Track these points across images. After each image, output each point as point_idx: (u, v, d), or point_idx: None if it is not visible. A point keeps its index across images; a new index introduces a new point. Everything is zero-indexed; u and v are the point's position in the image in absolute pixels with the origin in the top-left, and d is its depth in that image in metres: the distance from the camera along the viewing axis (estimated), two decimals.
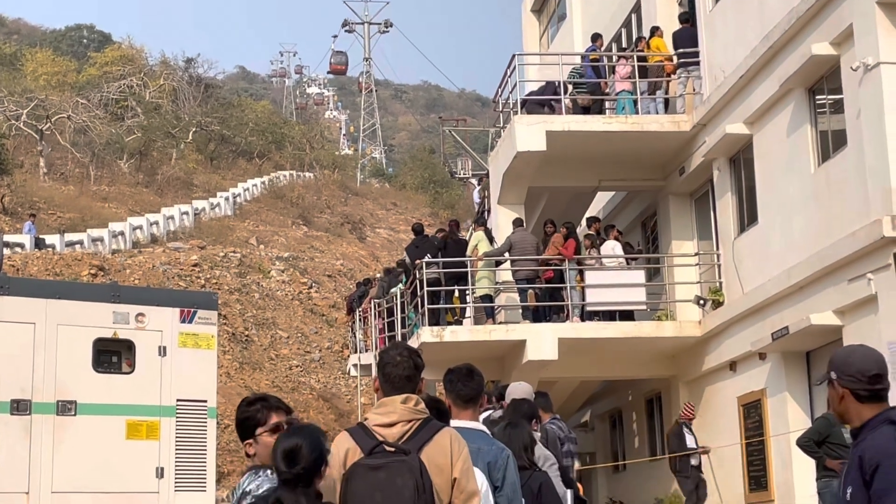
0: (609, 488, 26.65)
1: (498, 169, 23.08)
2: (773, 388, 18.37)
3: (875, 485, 4.17)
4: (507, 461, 5.87)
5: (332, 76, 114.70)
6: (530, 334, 20.11)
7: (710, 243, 21.78)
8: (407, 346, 5.49)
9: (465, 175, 48.79)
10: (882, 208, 14.74)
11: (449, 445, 5.16)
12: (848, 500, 4.26)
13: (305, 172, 67.68)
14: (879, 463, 4.19)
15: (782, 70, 17.40)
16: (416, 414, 5.19)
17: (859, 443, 4.34)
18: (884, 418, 4.34)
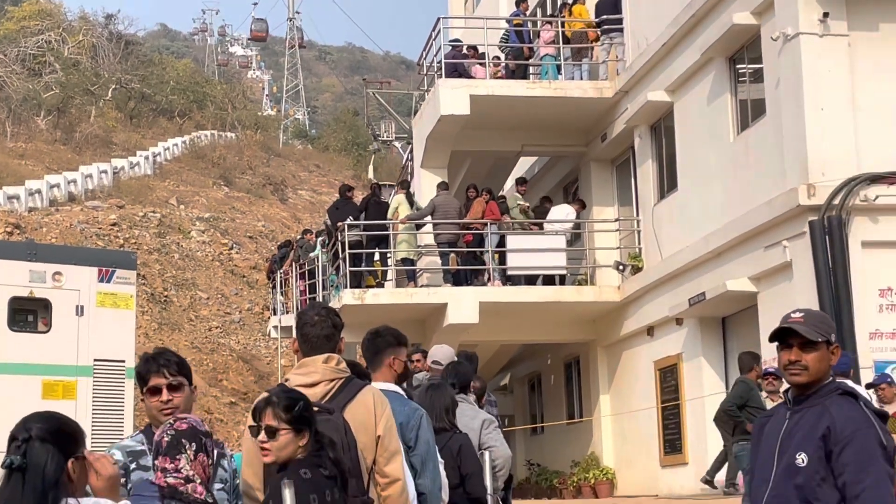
0: (527, 451, 26.89)
1: (421, 132, 23.06)
2: (690, 352, 18.64)
3: (849, 457, 4.11)
4: (420, 421, 5.86)
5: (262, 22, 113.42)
6: (451, 297, 20.18)
7: (630, 209, 21.99)
8: (325, 306, 5.48)
9: (389, 138, 48.61)
10: (798, 177, 14.98)
11: (372, 404, 5.17)
12: (800, 466, 4.18)
13: (227, 132, 66.96)
14: (854, 435, 4.13)
15: (704, 39, 17.56)
16: (337, 373, 5.19)
17: (806, 409, 4.28)
18: (835, 387, 4.31)
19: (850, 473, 4.11)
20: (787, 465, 4.22)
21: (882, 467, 4.12)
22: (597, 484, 21.14)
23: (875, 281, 14.71)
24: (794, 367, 4.30)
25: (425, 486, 5.85)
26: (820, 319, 4.37)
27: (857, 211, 14.66)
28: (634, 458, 20.81)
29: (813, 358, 4.28)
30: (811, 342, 4.28)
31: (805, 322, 4.31)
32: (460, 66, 21.90)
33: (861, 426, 4.16)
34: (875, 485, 4.09)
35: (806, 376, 4.29)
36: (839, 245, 14.48)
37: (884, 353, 14.50)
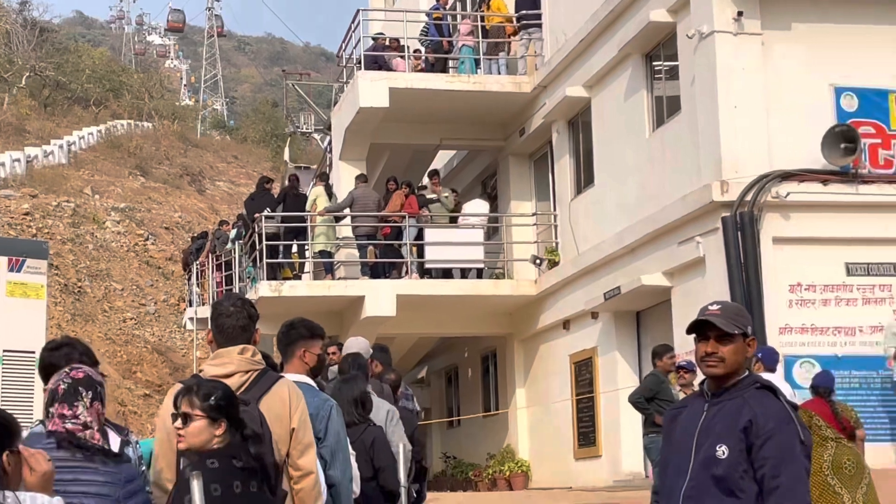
0: (443, 444, 26.97)
1: (340, 124, 22.99)
2: (604, 346, 18.81)
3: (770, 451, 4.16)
4: (329, 412, 5.87)
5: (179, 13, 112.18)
6: (369, 290, 20.15)
7: (547, 204, 22.11)
8: (241, 297, 5.44)
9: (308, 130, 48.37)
10: (712, 173, 15.17)
11: (288, 396, 5.16)
12: (721, 458, 4.20)
13: (144, 122, 66.11)
14: (777, 430, 4.18)
15: (621, 35, 17.71)
16: (253, 364, 5.17)
17: (725, 401, 4.30)
18: (753, 381, 4.34)
19: (769, 467, 4.15)
20: (707, 457, 4.24)
21: (801, 463, 4.18)
22: (512, 476, 21.26)
23: (785, 276, 14.96)
24: (710, 358, 4.34)
25: (335, 477, 5.86)
26: (736, 312, 4.41)
27: (768, 207, 14.90)
28: (549, 450, 20.95)
29: (729, 350, 4.32)
30: (728, 334, 4.32)
31: (722, 314, 4.35)
32: (380, 59, 21.87)
33: (782, 421, 4.21)
34: (793, 479, 4.15)
35: (722, 368, 4.33)
36: (751, 241, 14.70)
37: (793, 348, 14.76)
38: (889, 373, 14.73)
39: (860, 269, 15.19)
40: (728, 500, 4.19)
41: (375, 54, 21.96)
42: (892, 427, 14.73)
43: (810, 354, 14.72)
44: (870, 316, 15.08)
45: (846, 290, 15.13)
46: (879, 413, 14.80)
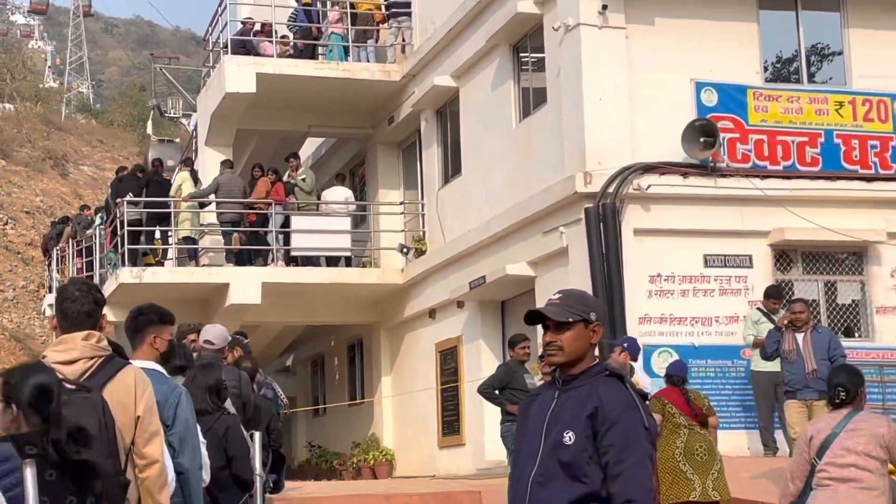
0: (309, 432, 26.86)
1: (206, 109, 22.67)
2: (469, 335, 18.91)
3: (614, 437, 4.20)
4: (178, 399, 5.82)
5: None
6: (233, 277, 19.92)
7: (415, 193, 22.14)
8: (86, 282, 5.33)
9: (176, 114, 47.59)
10: (576, 165, 15.34)
11: (133, 383, 5.05)
12: (567, 444, 4.23)
13: (5, 104, 64.33)
14: (621, 417, 4.22)
15: (489, 26, 17.79)
16: (98, 351, 5.05)
17: (574, 389, 4.34)
18: (602, 369, 4.38)
19: (613, 454, 4.20)
20: (555, 443, 4.28)
21: (644, 449, 4.24)
22: (376, 465, 21.25)
23: (645, 267, 15.22)
24: (550, 347, 4.39)
25: (183, 465, 5.82)
26: (576, 299, 4.44)
27: (630, 199, 15.13)
28: (414, 439, 21.00)
29: (568, 337, 4.36)
30: (563, 323, 4.36)
31: (560, 303, 4.39)
32: (248, 44, 21.62)
33: (627, 408, 4.26)
34: (636, 466, 4.20)
35: (562, 356, 4.37)
36: (612, 232, 14.91)
37: (653, 338, 15.02)
38: (744, 362, 15.11)
39: (717, 261, 15.54)
40: (574, 485, 4.23)
41: (243, 39, 21.71)
42: (745, 415, 15.09)
43: (668, 344, 15.01)
44: (726, 306, 15.45)
45: (704, 281, 15.46)
46: (734, 401, 15.15)
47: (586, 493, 4.22)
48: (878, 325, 15.92)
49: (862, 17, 16.67)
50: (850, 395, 7.23)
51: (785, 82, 16.58)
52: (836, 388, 7.29)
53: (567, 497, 4.22)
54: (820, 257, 16.05)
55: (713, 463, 9.99)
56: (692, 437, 10.02)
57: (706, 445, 10.00)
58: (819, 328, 11.45)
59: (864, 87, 16.41)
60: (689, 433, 10.05)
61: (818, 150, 16.04)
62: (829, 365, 11.18)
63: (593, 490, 4.22)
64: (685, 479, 9.91)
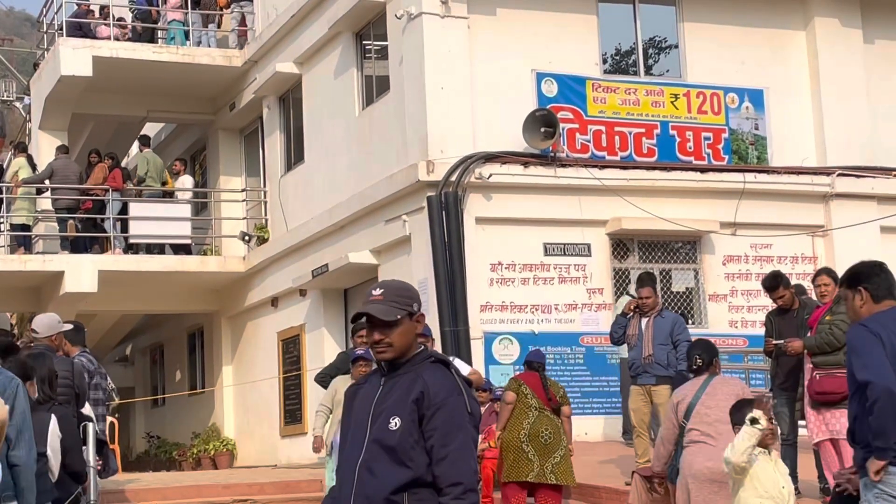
0: (147, 423, 26.40)
1: (41, 93, 22.04)
2: (312, 323, 18.82)
3: (439, 421, 4.22)
4: (16, 390, 5.75)
5: None
6: (69, 265, 19.40)
7: (258, 180, 21.91)
8: None
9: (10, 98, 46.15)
10: (419, 153, 15.40)
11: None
12: (393, 429, 4.25)
13: None
14: (446, 401, 4.25)
15: (332, 13, 17.69)
16: None
17: (400, 376, 4.35)
18: (428, 355, 4.41)
19: (437, 437, 4.24)
20: (380, 429, 4.30)
21: (468, 432, 4.29)
22: (216, 455, 21.00)
23: (487, 255, 15.36)
24: (379, 346, 4.39)
25: (20, 457, 5.72)
26: (398, 293, 4.44)
27: (471, 188, 15.25)
28: (255, 428, 20.83)
29: (396, 334, 4.38)
30: (390, 322, 4.36)
31: (384, 299, 4.38)
32: (85, 26, 21.07)
33: (452, 393, 4.29)
34: (460, 448, 4.25)
35: (392, 352, 4.39)
36: (454, 220, 15.00)
37: (493, 325, 15.18)
38: (583, 349, 15.38)
39: (557, 250, 15.78)
40: (400, 469, 4.25)
41: (79, 21, 21.14)
42: (584, 401, 15.37)
43: (509, 331, 15.19)
44: (565, 294, 15.70)
45: (544, 269, 15.68)
46: (573, 387, 15.37)
47: (412, 478, 4.24)
48: (710, 311, 16.40)
49: (697, 11, 17.11)
50: (706, 362, 8.34)
51: (623, 74, 16.91)
52: (694, 357, 8.42)
53: (393, 482, 4.24)
54: (656, 246, 16.44)
55: (557, 448, 10.13)
56: (540, 420, 10.18)
57: (552, 429, 10.14)
58: (664, 313, 11.69)
59: (699, 80, 16.86)
60: (539, 416, 10.20)
61: (654, 142, 16.42)
62: (669, 350, 11.41)
63: (419, 475, 4.25)
64: (526, 460, 10.08)
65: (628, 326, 11.71)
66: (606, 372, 15.44)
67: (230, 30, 21.63)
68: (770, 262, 16.24)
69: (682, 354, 11.52)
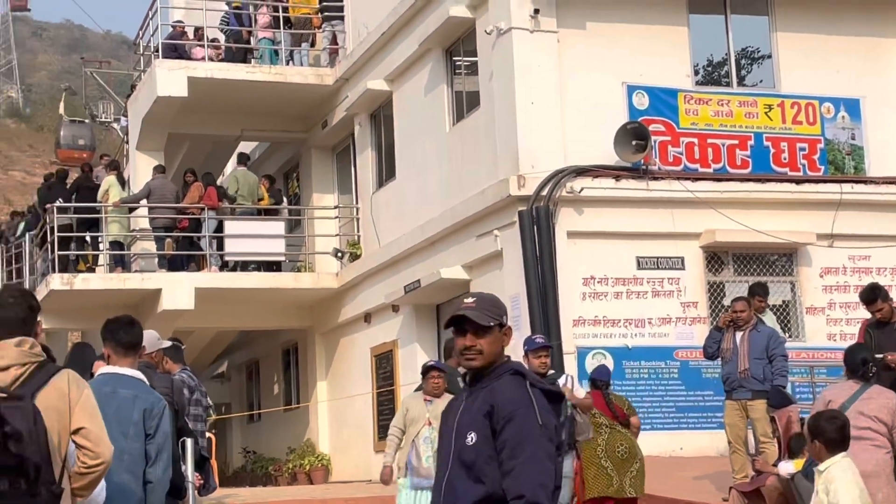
0: (244, 438, 26.68)
1: (137, 113, 22.47)
2: (405, 339, 18.89)
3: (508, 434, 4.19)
4: (162, 410, 5.94)
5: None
6: (166, 283, 19.74)
7: (350, 197, 22.08)
8: (21, 288, 5.29)
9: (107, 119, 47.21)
10: (509, 168, 15.39)
11: (67, 388, 4.97)
12: (469, 445, 4.24)
13: None
14: (514, 414, 4.21)
15: (422, 30, 17.79)
16: (31, 357, 4.96)
17: (480, 389, 4.36)
18: (508, 368, 4.39)
19: (506, 451, 4.21)
20: (460, 445, 4.31)
21: (538, 445, 4.21)
22: (312, 470, 21.16)
23: (579, 270, 15.29)
24: (469, 352, 4.39)
25: (155, 474, 5.94)
26: (491, 303, 4.46)
27: (563, 202, 15.20)
28: (349, 443, 20.94)
29: (486, 342, 4.38)
30: (484, 327, 4.36)
31: (477, 307, 4.40)
32: (180, 48, 21.45)
33: (521, 406, 4.26)
34: (527, 462, 4.19)
35: (481, 360, 4.39)
36: (546, 235, 14.96)
37: (586, 340, 15.10)
38: (677, 363, 15.24)
39: (650, 263, 15.66)
40: (475, 486, 4.25)
41: (174, 42, 21.53)
42: (679, 416, 15.23)
43: (602, 346, 15.10)
44: (659, 308, 15.56)
45: (637, 283, 15.57)
46: (667, 402, 15.28)
47: (487, 494, 4.22)
48: (808, 325, 16.14)
49: (790, 21, 16.90)
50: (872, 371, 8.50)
51: (715, 85, 16.75)
52: (866, 364, 8.45)
53: (470, 498, 4.23)
54: (750, 259, 16.24)
55: (633, 462, 10.36)
56: (613, 436, 10.42)
57: (627, 444, 10.40)
58: (759, 327, 11.55)
59: (793, 91, 16.64)
60: (611, 432, 10.44)
61: (748, 153, 16.24)
62: (765, 364, 11.27)
63: (492, 490, 4.22)
64: (606, 475, 10.25)
65: (722, 340, 11.59)
66: (702, 386, 15.27)
67: (322, 48, 21.85)
68: (868, 274, 15.95)
69: (778, 369, 11.38)
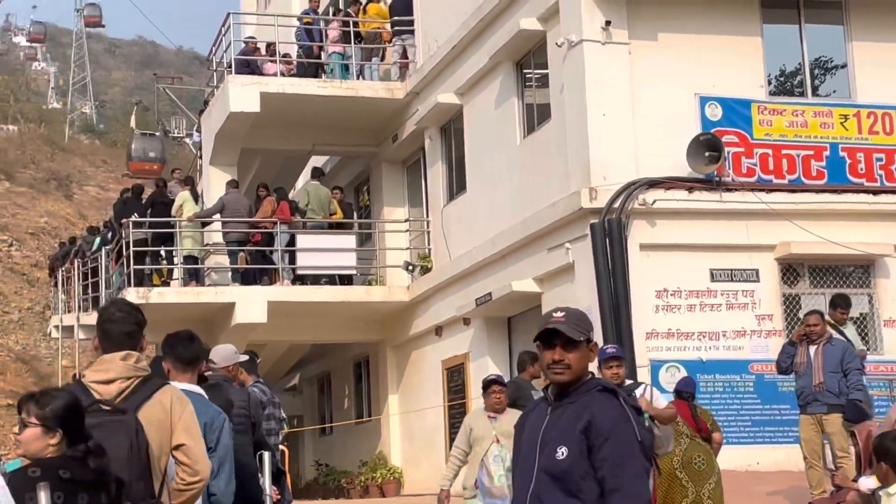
0: (316, 451, 26.80)
1: (210, 129, 22.71)
2: (476, 352, 18.88)
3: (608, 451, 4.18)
4: (223, 424, 5.98)
5: (41, 25, 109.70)
6: (239, 297, 19.92)
7: (420, 210, 22.14)
8: (128, 303, 5.39)
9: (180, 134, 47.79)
10: (581, 181, 15.34)
11: (170, 403, 5.07)
12: (560, 459, 4.23)
13: (9, 126, 64.49)
14: (614, 430, 4.20)
15: (492, 43, 17.81)
16: (136, 371, 5.07)
17: (568, 404, 4.33)
18: (596, 384, 4.37)
19: (608, 468, 4.19)
20: (548, 459, 4.28)
21: (639, 462, 4.22)
22: (384, 483, 21.21)
23: (651, 282, 15.19)
24: (557, 366, 4.37)
25: (219, 487, 5.94)
26: (580, 318, 4.45)
27: (635, 214, 15.11)
28: (421, 456, 20.96)
29: (575, 357, 4.36)
30: (573, 341, 4.35)
31: (567, 321, 4.38)
32: (252, 63, 21.67)
33: (620, 421, 4.25)
34: (633, 479, 4.19)
35: (569, 374, 4.37)
36: (619, 247, 14.89)
37: (659, 353, 14.99)
38: (752, 376, 15.07)
39: (724, 275, 15.51)
40: (569, 501, 4.22)
41: (247, 58, 21.74)
42: (754, 430, 15.05)
43: (676, 359, 14.98)
44: (733, 321, 15.40)
45: (710, 295, 15.42)
46: (742, 416, 15.11)
47: None
48: (886, 337, 15.88)
49: (865, 29, 16.68)
50: None
51: (789, 96, 16.58)
52: None
53: None
54: (827, 271, 16.02)
55: (711, 474, 10.15)
56: (692, 447, 10.19)
57: (705, 456, 10.14)
58: (833, 341, 11.39)
59: (869, 100, 16.41)
60: (690, 443, 10.21)
61: (823, 164, 16.03)
62: (840, 378, 11.11)
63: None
64: (680, 486, 10.05)
65: (796, 354, 11.45)
66: (778, 400, 15.08)
67: (392, 62, 21.95)
68: None
69: (853, 383, 11.22)
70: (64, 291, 26.08)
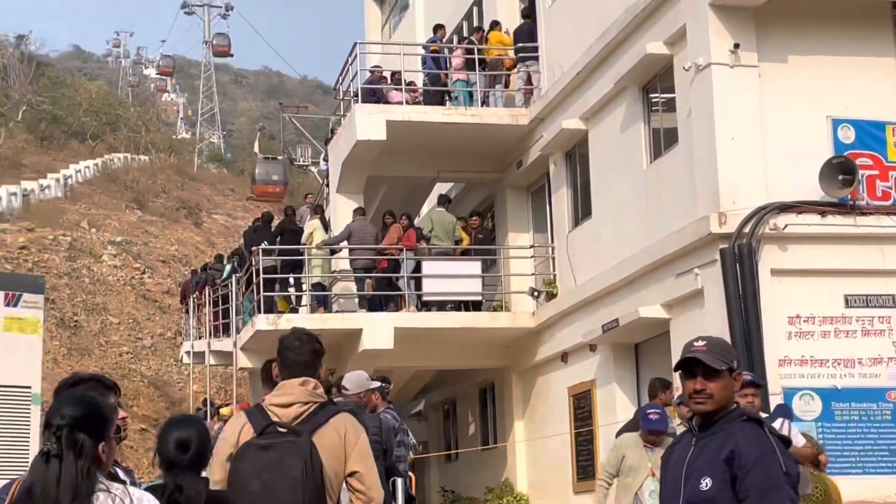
0: (441, 477, 26.83)
1: (337, 157, 23.00)
2: (603, 378, 18.74)
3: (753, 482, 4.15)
4: None
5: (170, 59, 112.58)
6: (366, 323, 20.10)
7: (545, 236, 22.09)
8: (306, 332, 5.57)
9: (305, 163, 48.50)
10: (710, 205, 15.15)
11: (344, 429, 5.23)
12: (704, 490, 4.21)
13: (141, 155, 66.25)
14: (759, 461, 4.17)
15: (617, 68, 17.74)
16: (313, 397, 5.26)
17: (712, 434, 4.31)
18: (740, 414, 4.35)
19: (754, 499, 4.16)
20: (693, 490, 4.27)
21: (785, 493, 4.18)
22: None
23: (784, 308, 14.90)
24: (699, 396, 4.33)
25: None
26: (722, 347, 4.41)
27: (766, 239, 14.86)
28: (548, 483, 20.85)
29: (717, 386, 4.32)
30: (715, 371, 4.30)
31: (708, 350, 4.34)
32: (378, 92, 21.91)
33: (765, 452, 4.21)
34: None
35: (711, 404, 4.33)
36: (749, 273, 14.65)
37: (792, 380, 14.70)
38: (890, 405, 14.69)
39: (859, 301, 15.15)
40: None
41: (373, 87, 22.01)
42: (891, 460, 14.65)
43: (810, 386, 14.67)
44: (869, 348, 15.02)
45: (845, 321, 15.07)
46: (880, 445, 14.72)
47: None
48: None
49: None
50: None
51: None
52: None
53: None
54: None
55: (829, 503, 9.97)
56: None
57: (821, 486, 9.99)
58: None
59: None
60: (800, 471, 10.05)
61: None
62: None
63: None
64: None
65: None
66: None
67: (516, 89, 22.00)
68: None
69: None
70: (195, 318, 26.63)
